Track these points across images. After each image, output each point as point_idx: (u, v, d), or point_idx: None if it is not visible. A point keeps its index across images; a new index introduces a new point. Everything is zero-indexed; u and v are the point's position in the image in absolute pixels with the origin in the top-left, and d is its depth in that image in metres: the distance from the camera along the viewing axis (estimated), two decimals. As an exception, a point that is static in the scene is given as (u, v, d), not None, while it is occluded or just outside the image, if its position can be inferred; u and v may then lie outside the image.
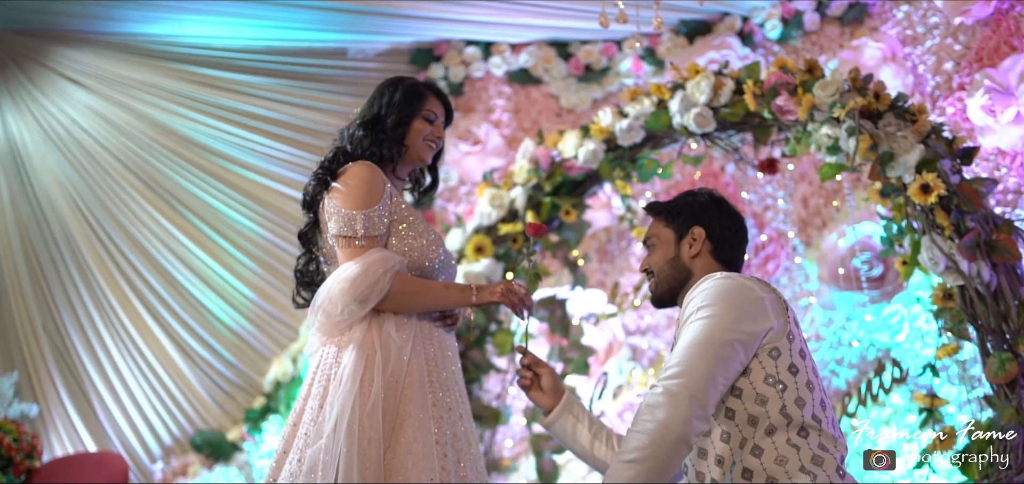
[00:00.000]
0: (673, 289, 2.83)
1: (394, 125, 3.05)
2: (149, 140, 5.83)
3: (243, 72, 5.89)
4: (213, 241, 5.89)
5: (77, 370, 5.74)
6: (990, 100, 4.55)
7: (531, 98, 6.19)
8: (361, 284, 2.80)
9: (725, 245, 2.83)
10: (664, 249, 2.85)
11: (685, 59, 5.81)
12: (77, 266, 5.79)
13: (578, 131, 4.81)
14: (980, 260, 3.63)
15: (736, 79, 4.38)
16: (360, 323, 2.83)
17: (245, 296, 5.88)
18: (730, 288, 2.59)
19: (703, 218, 2.83)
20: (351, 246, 2.87)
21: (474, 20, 5.91)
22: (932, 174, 3.71)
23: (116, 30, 5.69)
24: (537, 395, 2.90)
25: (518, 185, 4.87)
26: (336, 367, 2.82)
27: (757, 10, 5.77)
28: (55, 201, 5.81)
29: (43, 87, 5.76)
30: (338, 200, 2.90)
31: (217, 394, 5.84)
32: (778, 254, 5.46)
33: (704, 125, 4.39)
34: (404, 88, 3.09)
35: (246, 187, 5.92)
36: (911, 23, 5.22)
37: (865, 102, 3.92)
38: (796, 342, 2.59)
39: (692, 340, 2.52)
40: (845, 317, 5.14)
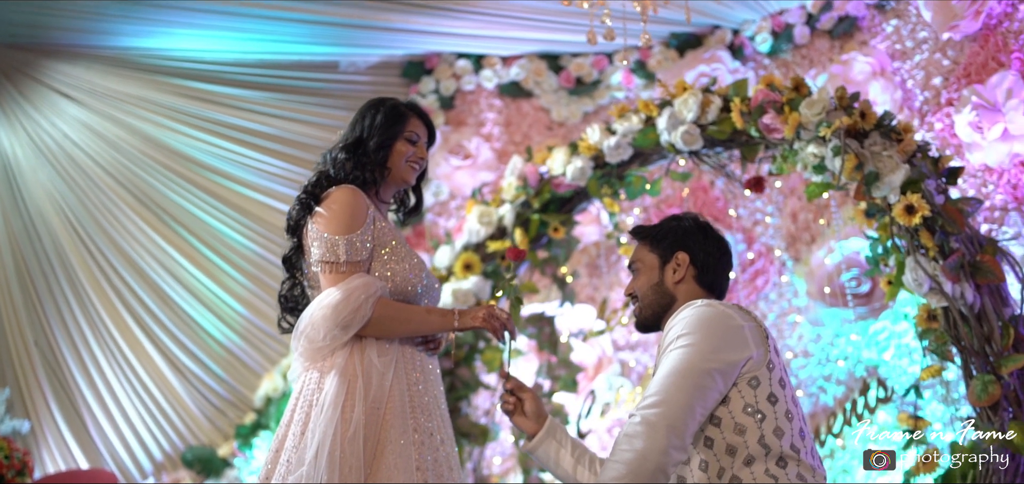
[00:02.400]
0: (657, 314, 2.85)
1: (376, 148, 3.07)
2: (140, 154, 5.83)
3: (234, 86, 5.89)
4: (204, 256, 5.88)
5: (69, 386, 5.73)
6: (977, 116, 4.54)
7: (522, 111, 6.19)
8: (343, 310, 2.82)
9: (709, 270, 2.84)
10: (648, 274, 2.87)
11: (676, 72, 5.81)
12: (69, 281, 5.79)
13: (566, 148, 4.81)
14: (964, 281, 3.64)
15: (723, 96, 4.38)
16: (342, 349, 2.85)
17: (236, 311, 5.87)
18: (710, 317, 2.60)
19: (687, 243, 2.85)
20: (334, 272, 2.88)
21: (465, 33, 5.91)
22: (916, 195, 3.72)
23: (108, 44, 5.70)
24: (520, 420, 2.91)
25: (507, 202, 4.88)
26: (318, 393, 2.84)
27: (747, 23, 5.77)
28: (47, 216, 5.80)
29: (35, 101, 5.76)
30: (321, 225, 2.92)
31: (208, 410, 5.83)
32: (767, 269, 5.45)
33: (691, 143, 4.40)
34: (385, 110, 3.10)
35: (237, 201, 5.92)
36: (900, 38, 5.22)
37: (851, 121, 3.92)
38: (776, 371, 2.60)
39: (671, 369, 2.53)
40: (833, 333, 5.14)
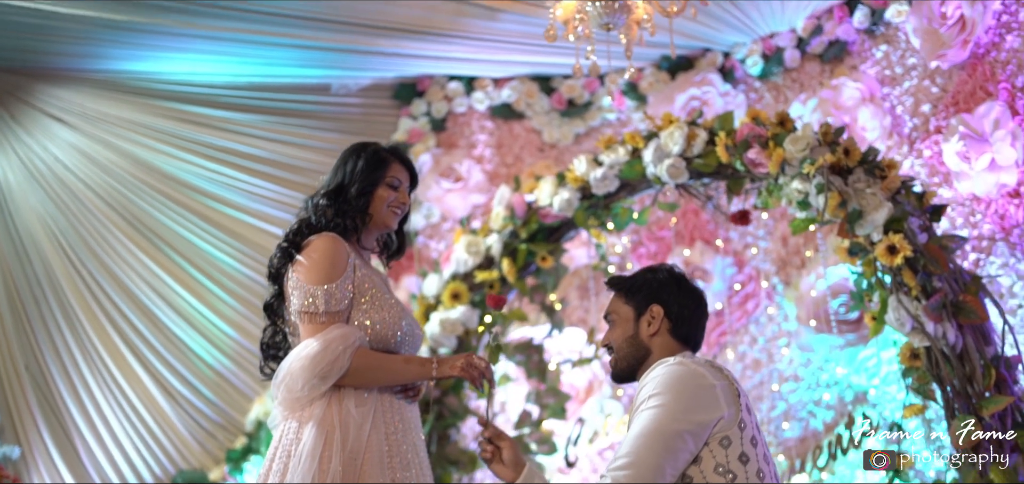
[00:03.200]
0: (632, 366, 2.86)
1: (358, 194, 3.08)
2: (132, 178, 5.83)
3: (226, 108, 5.89)
4: (195, 279, 5.88)
5: (59, 410, 5.73)
6: (965, 146, 4.53)
7: (513, 133, 6.19)
8: (321, 361, 2.84)
9: (684, 323, 2.85)
10: (623, 326, 2.88)
11: (667, 94, 5.82)
12: (59, 305, 5.79)
13: (553, 179, 4.81)
14: (946, 322, 3.64)
15: (709, 129, 4.39)
16: (321, 399, 2.88)
17: (227, 335, 5.87)
18: (682, 376, 2.61)
19: (662, 296, 2.86)
20: (313, 322, 2.91)
21: (456, 57, 5.91)
22: (898, 235, 3.72)
23: (99, 67, 5.71)
24: (498, 468, 2.92)
25: (494, 232, 4.88)
26: (296, 444, 2.87)
27: (738, 47, 5.76)
28: (37, 239, 5.80)
29: (26, 125, 5.77)
30: (301, 274, 2.94)
31: (198, 433, 5.84)
32: (757, 292, 5.45)
33: (677, 176, 4.40)
34: (367, 155, 3.12)
35: (228, 225, 5.92)
36: (890, 63, 5.21)
37: (835, 158, 3.93)
38: (748, 429, 2.60)
39: (642, 430, 2.54)
40: (823, 358, 5.14)
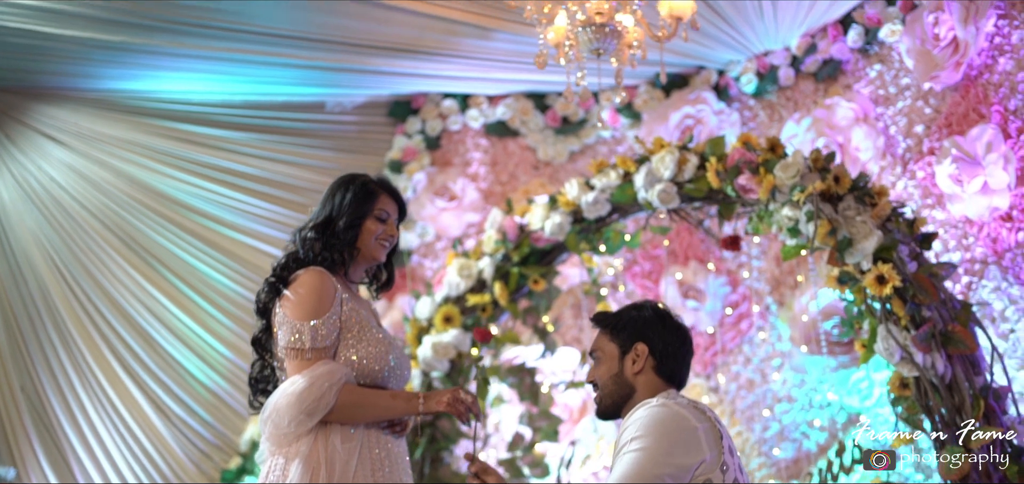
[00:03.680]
0: (617, 404, 2.88)
1: (346, 227, 3.08)
2: (126, 197, 5.84)
3: (220, 127, 5.91)
4: (190, 299, 5.89)
5: (54, 431, 5.74)
6: (957, 169, 4.52)
7: (508, 151, 6.19)
8: (307, 398, 2.85)
9: (668, 360, 2.86)
10: (608, 363, 2.89)
11: (661, 112, 5.82)
12: (55, 325, 5.79)
13: (545, 202, 4.81)
14: (935, 352, 3.63)
15: (700, 154, 4.38)
16: (307, 435, 2.89)
17: (222, 354, 5.88)
18: (664, 418, 2.62)
19: (647, 334, 2.86)
20: (299, 358, 2.91)
21: (451, 75, 5.91)
22: (887, 265, 3.71)
23: (94, 86, 5.73)
24: (487, 504, 2.93)
25: (487, 255, 4.88)
26: (283, 480, 2.86)
27: (733, 64, 5.76)
28: (33, 259, 5.81)
29: (21, 144, 5.79)
30: (287, 310, 2.95)
31: (194, 453, 5.84)
32: (751, 312, 5.45)
33: (668, 201, 4.40)
34: (355, 188, 3.11)
35: (223, 244, 5.93)
36: (883, 83, 5.20)
37: (825, 186, 3.92)
38: (730, 472, 2.61)
39: (624, 473, 2.55)
40: (816, 380, 5.14)
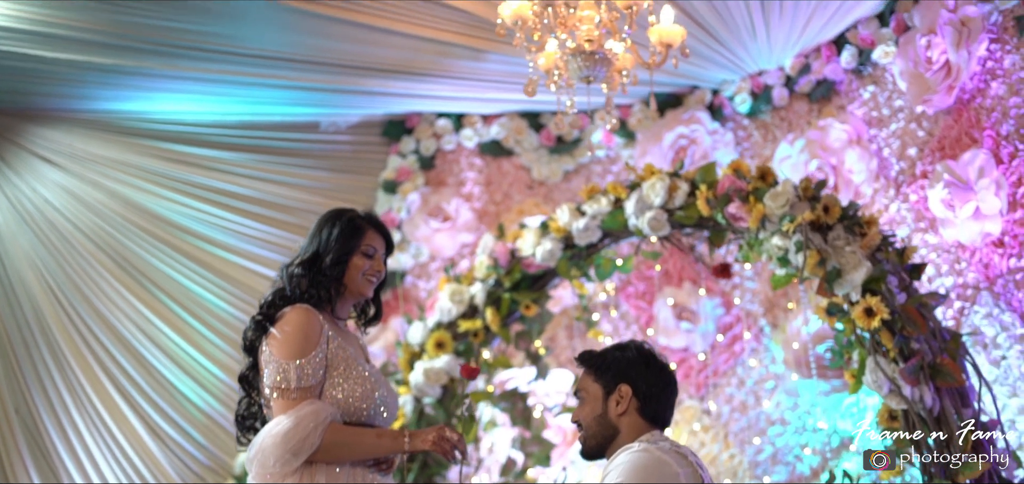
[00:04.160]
0: (601, 444, 2.88)
1: (333, 263, 3.09)
2: (120, 219, 5.83)
3: (214, 147, 5.90)
4: (184, 321, 5.88)
5: (48, 454, 5.73)
6: (949, 194, 4.51)
7: (502, 170, 6.18)
8: (292, 438, 2.86)
9: (652, 401, 2.87)
10: (592, 404, 2.90)
11: (655, 131, 5.81)
12: (49, 348, 5.78)
13: (537, 228, 4.81)
14: (923, 385, 3.63)
15: (691, 181, 4.38)
16: (293, 475, 2.89)
17: (216, 377, 5.87)
18: (645, 465, 2.62)
19: (630, 375, 2.87)
20: (285, 398, 2.92)
21: (445, 96, 5.91)
22: (875, 298, 3.70)
23: (88, 108, 5.73)
24: (471, 542, 2.94)
25: (478, 281, 4.89)
26: (271, 519, 2.87)
27: (727, 84, 5.75)
28: (27, 282, 5.80)
29: (14, 166, 5.79)
30: (274, 348, 2.96)
31: (188, 476, 5.83)
32: (744, 334, 5.44)
33: (658, 228, 4.39)
34: (342, 223, 3.12)
35: (217, 265, 5.93)
36: (877, 104, 5.19)
37: (814, 215, 3.92)
38: (712, 517, 2.61)
39: (606, 521, 2.55)
40: (809, 403, 5.13)
